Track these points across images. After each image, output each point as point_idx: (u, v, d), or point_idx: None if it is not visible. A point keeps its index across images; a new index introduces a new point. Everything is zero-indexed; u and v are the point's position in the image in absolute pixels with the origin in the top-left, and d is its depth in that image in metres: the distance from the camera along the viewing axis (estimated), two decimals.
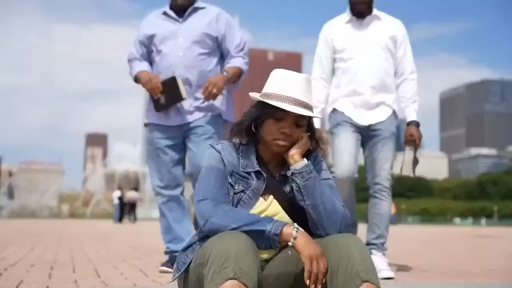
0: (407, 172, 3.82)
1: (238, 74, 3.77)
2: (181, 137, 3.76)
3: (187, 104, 3.67)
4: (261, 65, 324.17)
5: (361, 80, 3.80)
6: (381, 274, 3.39)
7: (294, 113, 1.85)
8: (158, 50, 3.76)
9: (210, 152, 1.96)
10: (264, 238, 1.71)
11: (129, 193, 28.58)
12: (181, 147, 3.78)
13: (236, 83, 3.84)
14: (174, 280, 1.93)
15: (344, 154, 3.73)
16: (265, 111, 1.89)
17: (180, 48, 3.68)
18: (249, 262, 1.59)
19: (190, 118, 3.69)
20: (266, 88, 1.93)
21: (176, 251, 3.59)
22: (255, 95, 1.96)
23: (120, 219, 26.54)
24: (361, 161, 3.96)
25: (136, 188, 33.35)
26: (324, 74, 3.97)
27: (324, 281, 1.68)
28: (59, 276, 3.39)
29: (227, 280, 1.54)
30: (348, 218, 1.92)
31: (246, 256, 1.59)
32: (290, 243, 1.70)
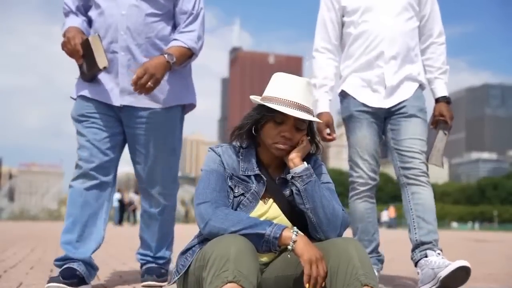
0: (436, 161, 3.05)
1: (186, 56, 2.84)
2: (119, 124, 2.85)
3: (125, 80, 2.75)
4: (262, 68, 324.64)
5: (379, 49, 3.00)
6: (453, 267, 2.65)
7: (294, 116, 1.86)
8: (96, 4, 2.82)
9: (210, 155, 1.97)
10: (263, 242, 1.72)
11: (130, 196, 28.68)
12: (119, 134, 2.87)
13: (184, 65, 2.92)
14: (173, 282, 1.94)
15: (362, 156, 3.04)
16: (266, 115, 1.90)
17: (124, 5, 2.76)
18: (249, 265, 1.59)
19: (130, 100, 2.77)
20: (267, 92, 1.94)
21: (75, 260, 2.67)
22: (255, 98, 1.97)
23: (120, 221, 26.55)
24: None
25: (137, 191, 33.39)
26: (330, 44, 3.14)
27: (323, 284, 1.68)
28: None
29: (226, 283, 1.54)
30: (348, 222, 1.92)
31: (245, 259, 1.60)
32: (289, 247, 1.70)
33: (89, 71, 2.72)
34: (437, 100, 3.14)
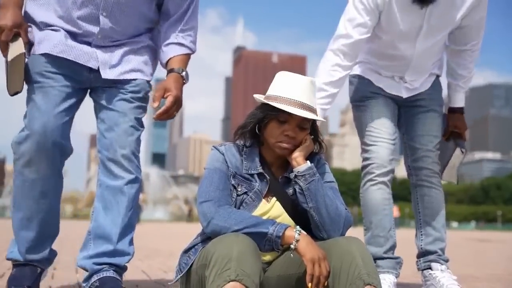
0: (450, 177, 2.92)
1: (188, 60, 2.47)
2: (88, 83, 2.31)
3: (106, 55, 2.28)
4: (265, 67, 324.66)
5: (401, 74, 2.82)
6: None
7: (298, 115, 1.86)
8: None
9: (213, 153, 1.97)
10: (266, 240, 1.72)
11: None
12: (81, 95, 2.33)
13: None
14: (176, 281, 1.94)
15: (379, 135, 2.73)
16: (269, 113, 1.89)
17: None
18: (251, 264, 1.59)
19: (109, 73, 2.28)
20: (271, 91, 1.94)
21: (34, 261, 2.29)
22: (259, 97, 1.97)
23: None
24: None
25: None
26: (351, 49, 2.63)
27: (326, 284, 1.68)
28: (62, 277, 3.40)
29: (228, 282, 1.54)
30: (351, 221, 1.92)
31: (248, 258, 1.60)
32: (292, 246, 1.70)
33: (5, 69, 2.16)
34: (451, 110, 2.92)
